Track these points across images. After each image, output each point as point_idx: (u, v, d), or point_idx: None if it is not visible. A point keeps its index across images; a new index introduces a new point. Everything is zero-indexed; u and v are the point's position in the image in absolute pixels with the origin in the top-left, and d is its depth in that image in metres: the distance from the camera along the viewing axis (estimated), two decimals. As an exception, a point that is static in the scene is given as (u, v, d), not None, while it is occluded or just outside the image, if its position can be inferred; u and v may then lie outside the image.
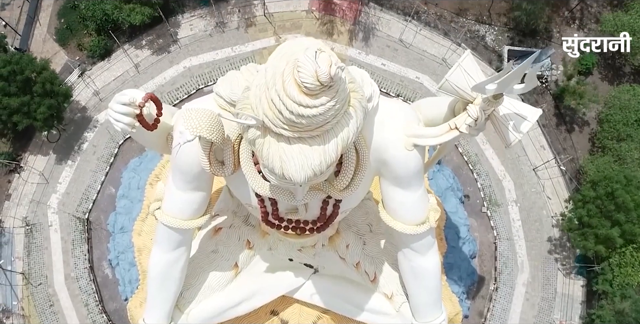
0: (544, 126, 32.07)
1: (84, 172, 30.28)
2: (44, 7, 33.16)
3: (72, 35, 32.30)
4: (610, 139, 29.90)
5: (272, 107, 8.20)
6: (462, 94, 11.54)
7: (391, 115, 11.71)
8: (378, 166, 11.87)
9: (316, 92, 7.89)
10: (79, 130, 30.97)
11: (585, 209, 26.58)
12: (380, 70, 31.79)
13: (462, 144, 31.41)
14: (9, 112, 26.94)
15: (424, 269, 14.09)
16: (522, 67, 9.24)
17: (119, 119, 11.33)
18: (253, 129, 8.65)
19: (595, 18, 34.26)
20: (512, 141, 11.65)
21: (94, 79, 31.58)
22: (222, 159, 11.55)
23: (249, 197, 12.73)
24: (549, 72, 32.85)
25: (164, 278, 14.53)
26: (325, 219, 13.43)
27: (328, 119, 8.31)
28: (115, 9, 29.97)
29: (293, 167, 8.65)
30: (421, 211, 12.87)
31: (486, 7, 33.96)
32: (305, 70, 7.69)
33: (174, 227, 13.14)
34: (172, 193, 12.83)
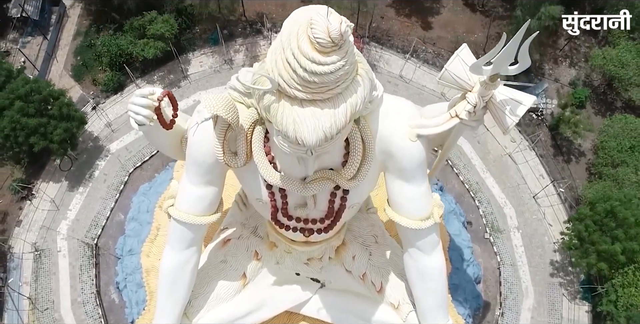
0: (542, 156, 33.12)
1: (94, 199, 30.94)
2: (61, 45, 34.98)
3: (87, 71, 33.87)
4: (606, 166, 30.85)
5: (286, 67, 8.89)
6: (461, 83, 12.10)
7: (395, 108, 12.39)
8: (384, 158, 12.41)
9: (328, 50, 8.59)
10: (91, 159, 31.90)
11: (583, 224, 27.13)
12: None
13: (463, 173, 32.31)
14: (26, 133, 27.90)
15: (430, 268, 14.35)
16: (514, 41, 9.73)
17: (138, 112, 11.88)
18: (268, 94, 9.34)
19: (584, 56, 36.05)
20: (510, 124, 12.04)
21: (107, 111, 32.87)
22: (235, 150, 12.12)
23: (260, 191, 13.14)
24: (544, 105, 34.29)
25: (175, 278, 14.75)
26: (333, 214, 13.76)
27: (339, 79, 8.98)
28: (130, 44, 31.60)
29: (306, 129, 9.21)
30: (425, 206, 13.26)
31: (481, 47, 35.78)
32: (318, 27, 8.40)
33: (187, 222, 13.47)
34: (186, 188, 13.32)
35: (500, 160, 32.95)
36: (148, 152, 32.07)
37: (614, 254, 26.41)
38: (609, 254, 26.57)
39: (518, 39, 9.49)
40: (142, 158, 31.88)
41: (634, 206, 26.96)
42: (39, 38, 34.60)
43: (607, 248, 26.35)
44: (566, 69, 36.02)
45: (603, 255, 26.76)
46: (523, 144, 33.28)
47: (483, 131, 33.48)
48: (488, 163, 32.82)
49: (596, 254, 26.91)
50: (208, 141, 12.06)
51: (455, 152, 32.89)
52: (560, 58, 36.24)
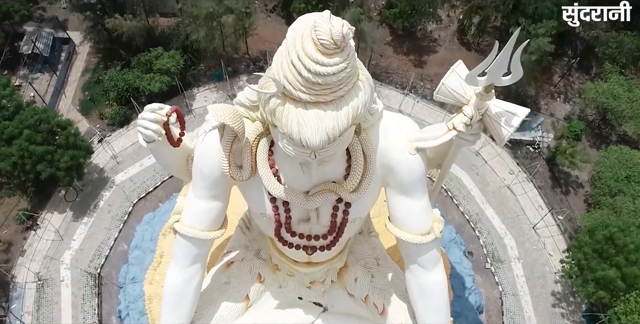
0: (540, 187, 33.64)
1: (98, 229, 31.23)
2: (70, 81, 36.02)
3: (95, 106, 34.79)
4: (603, 195, 31.33)
5: (291, 69, 9.28)
6: (458, 97, 12.38)
7: (395, 123, 12.86)
8: (384, 173, 12.65)
9: (331, 52, 8.99)
10: (96, 190, 32.37)
11: (582, 252, 27.40)
12: (382, 137, 33.82)
13: (463, 204, 32.75)
14: (33, 161, 28.46)
15: (432, 284, 14.38)
16: (506, 50, 10.05)
17: (147, 126, 12.15)
18: (274, 98, 9.69)
19: (578, 92, 37.13)
20: (505, 136, 12.20)
21: (113, 144, 33.58)
22: (240, 163, 12.47)
23: (264, 205, 13.31)
24: (541, 138, 35.07)
25: (179, 295, 14.74)
26: (336, 230, 13.97)
27: (341, 81, 9.35)
28: (137, 78, 32.60)
29: (309, 130, 9.53)
30: (426, 220, 13.42)
31: (478, 83, 36.73)
32: (322, 29, 8.83)
33: (192, 237, 13.63)
34: (192, 203, 13.57)
35: (499, 191, 33.45)
36: (152, 183, 32.61)
37: (612, 280, 26.58)
38: (608, 281, 26.73)
39: (510, 48, 9.82)
40: (147, 189, 32.36)
41: (633, 234, 27.30)
42: (48, 74, 35.69)
43: (604, 274, 26.54)
44: (561, 105, 37.00)
45: (602, 282, 26.92)
46: (521, 176, 33.86)
47: (482, 163, 34.13)
48: (487, 194, 33.30)
49: (595, 282, 27.07)
50: (214, 155, 12.36)
51: (455, 184, 33.41)
52: (555, 94, 37.28)
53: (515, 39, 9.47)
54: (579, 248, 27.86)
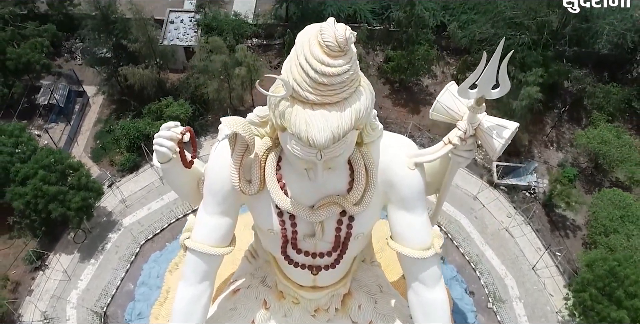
0: (538, 230, 34.50)
1: (105, 269, 31.77)
2: (83, 131, 37.62)
3: (106, 153, 36.20)
4: (599, 234, 32.17)
5: (299, 70, 10.17)
6: (452, 113, 13.07)
7: (394, 141, 13.86)
8: (385, 189, 13.26)
9: (335, 54, 9.94)
10: (104, 232, 33.15)
11: (587, 293, 27.84)
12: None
13: (463, 246, 33.48)
14: (46, 200, 29.45)
15: (433, 302, 14.60)
16: (493, 61, 10.54)
17: (162, 143, 12.97)
18: (283, 101, 10.55)
19: (570, 142, 38.74)
20: (497, 147, 12.73)
21: (122, 189, 34.69)
22: (249, 178, 13.08)
23: (271, 219, 13.74)
24: (536, 183, 36.27)
25: (187, 313, 14.85)
26: (340, 245, 14.31)
27: (345, 83, 10.22)
28: (147, 125, 34.20)
29: (316, 128, 10.27)
30: (426, 236, 13.86)
31: (473, 132, 38.39)
32: (327, 32, 9.87)
33: (202, 252, 13.99)
34: (202, 219, 14.01)
35: (497, 234, 34.26)
36: (159, 226, 33.42)
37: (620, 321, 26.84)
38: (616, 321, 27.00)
39: (496, 60, 10.41)
40: (154, 231, 33.14)
41: (632, 266, 27.96)
42: (62, 124, 37.32)
43: (614, 315, 26.84)
44: (554, 153, 38.49)
45: (609, 320, 27.18)
46: (519, 219, 34.77)
47: (480, 207, 35.15)
48: (486, 237, 34.09)
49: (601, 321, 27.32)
50: (225, 170, 12.93)
51: (454, 227, 34.28)
52: (547, 143, 38.87)
53: (500, 51, 10.07)
54: (582, 286, 28.31)
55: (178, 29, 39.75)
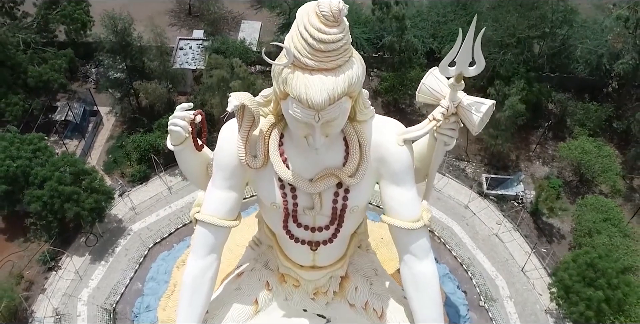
0: (527, 236, 36.36)
1: (115, 270, 33.42)
2: (96, 146, 40.07)
3: (117, 166, 38.42)
4: (583, 237, 34.04)
5: (300, 39, 11.72)
6: (436, 94, 14.36)
7: (384, 121, 14.95)
8: (377, 165, 14.57)
9: (330, 24, 11.49)
10: (114, 237, 35.00)
11: (567, 273, 29.57)
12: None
13: (455, 250, 35.24)
14: (61, 201, 31.48)
15: (424, 274, 15.57)
16: (468, 39, 11.63)
17: (176, 123, 14.35)
18: (286, 69, 12.07)
19: (553, 157, 41.11)
20: (476, 120, 13.98)
21: (132, 197, 36.75)
22: (254, 153, 14.38)
23: (274, 193, 14.91)
24: (523, 193, 38.34)
25: (195, 285, 15.78)
26: (337, 218, 15.45)
27: (339, 51, 11.74)
28: (158, 137, 36.58)
29: (313, 90, 11.74)
30: (415, 208, 15.06)
31: (463, 149, 40.92)
32: (323, 4, 11.48)
33: (211, 223, 15.00)
34: (211, 193, 15.20)
35: (488, 239, 36.05)
36: (167, 231, 35.28)
37: (598, 302, 28.47)
38: (595, 303, 28.61)
39: (470, 38, 11.59)
40: (162, 236, 34.97)
41: (611, 260, 29.74)
42: (76, 140, 39.72)
43: (591, 295, 28.53)
44: (540, 167, 40.76)
45: (588, 304, 28.78)
46: (508, 226, 36.63)
47: (471, 215, 37.10)
48: (477, 242, 35.88)
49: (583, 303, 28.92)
50: (233, 146, 14.20)
51: (447, 233, 36.11)
52: (533, 158, 41.22)
53: (474, 29, 11.30)
54: (563, 270, 30.06)
55: (187, 55, 42.75)
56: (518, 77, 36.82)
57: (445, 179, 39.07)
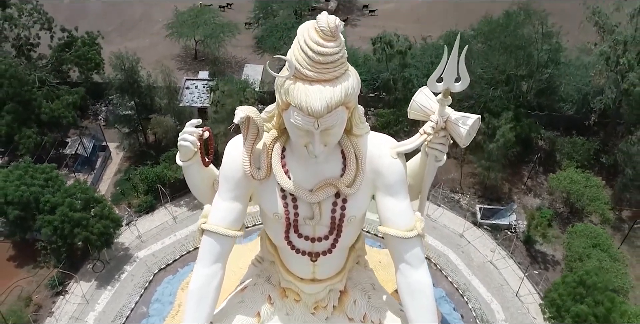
0: (520, 263, 37.53)
1: (120, 295, 34.39)
2: (104, 179, 41.71)
3: (124, 198, 39.92)
4: (574, 261, 35.22)
5: (300, 52, 12.59)
6: (426, 110, 14.95)
7: (379, 136, 15.76)
8: (373, 177, 15.02)
9: (328, 38, 12.44)
10: (121, 264, 36.12)
11: (557, 293, 30.63)
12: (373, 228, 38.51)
13: (451, 276, 36.31)
14: (71, 226, 32.83)
15: (419, 282, 15.71)
16: (453, 56, 12.24)
17: (186, 138, 14.73)
18: (288, 81, 12.86)
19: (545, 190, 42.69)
20: (463, 132, 14.39)
21: (138, 226, 38.06)
22: (258, 166, 14.90)
23: (276, 202, 15.35)
24: (516, 223, 39.71)
25: (201, 293, 15.89)
26: (335, 228, 15.76)
27: (336, 63, 12.60)
28: (165, 169, 38.25)
29: (313, 99, 12.58)
30: (409, 218, 15.32)
31: (457, 182, 42.56)
32: (321, 19, 12.52)
33: (217, 232, 15.34)
34: (217, 204, 15.51)
35: (483, 266, 37.19)
36: (172, 257, 36.44)
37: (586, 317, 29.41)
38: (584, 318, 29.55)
39: (455, 55, 12.31)
40: (167, 262, 36.13)
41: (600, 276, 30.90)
42: (85, 173, 41.38)
43: (579, 311, 29.49)
44: (532, 199, 42.30)
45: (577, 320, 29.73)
46: (502, 254, 37.84)
47: (466, 243, 38.35)
48: (472, 268, 37.00)
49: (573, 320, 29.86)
50: (238, 158, 14.71)
51: (443, 260, 37.24)
52: (525, 191, 42.80)
53: (458, 46, 11.98)
54: (555, 291, 31.12)
55: (193, 94, 45.02)
56: (507, 111, 38.86)
57: (441, 209, 40.54)
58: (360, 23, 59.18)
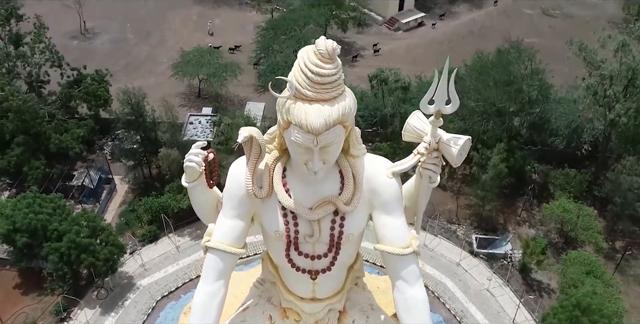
0: (516, 290, 38.28)
1: (124, 321, 35.07)
2: (109, 210, 42.81)
3: (129, 228, 40.97)
4: (569, 288, 36.03)
5: (300, 73, 12.44)
6: (419, 132, 16.21)
7: (375, 157, 17.63)
8: (370, 196, 16.62)
9: (326, 60, 12.29)
10: (124, 291, 36.91)
11: (557, 318, 31.35)
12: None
13: (449, 303, 37.08)
14: (78, 252, 33.77)
15: (416, 298, 17.58)
16: (443, 79, 11.74)
17: (192, 159, 14.44)
18: (289, 101, 12.71)
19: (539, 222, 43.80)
20: (454, 152, 13.72)
21: (142, 255, 38.96)
22: (260, 185, 14.69)
23: (277, 220, 14.48)
24: (512, 252, 40.64)
25: (204, 309, 18.20)
26: (334, 245, 19.21)
27: (334, 84, 12.29)
28: (169, 199, 39.42)
29: (312, 116, 12.35)
30: (405, 236, 16.97)
31: (454, 213, 43.68)
32: (320, 43, 12.65)
33: (220, 249, 17.30)
34: (220, 222, 16.88)
35: (480, 294, 37.96)
36: (174, 285, 37.28)
37: None
38: None
39: (445, 78, 12.00)
40: (169, 289, 36.96)
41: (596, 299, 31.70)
42: (91, 204, 42.49)
43: None
44: (527, 229, 43.37)
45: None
46: (498, 282, 38.65)
47: (463, 272, 39.22)
48: (470, 296, 37.76)
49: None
50: (241, 178, 17.33)
51: (441, 287, 38.06)
52: (520, 222, 43.90)
53: (447, 69, 11.53)
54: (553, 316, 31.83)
55: (196, 128, 46.65)
56: (499, 143, 40.36)
57: (438, 239, 41.54)
58: (359, 64, 61.24)
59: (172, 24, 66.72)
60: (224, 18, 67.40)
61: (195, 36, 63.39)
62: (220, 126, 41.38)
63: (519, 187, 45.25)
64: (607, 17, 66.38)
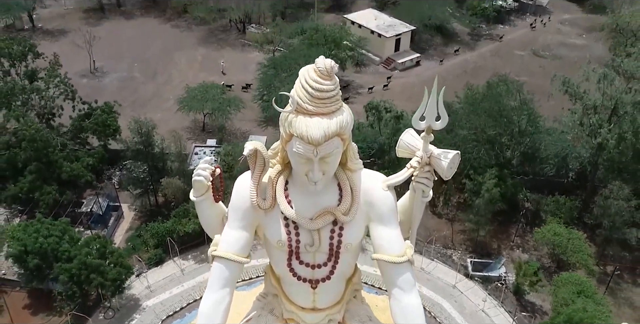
0: (511, 312, 39.43)
1: (130, 340, 36.21)
2: (116, 236, 44.34)
3: (135, 252, 42.38)
4: (561, 306, 37.24)
5: (301, 89, 12.42)
6: (412, 148, 15.62)
7: (371, 172, 18.19)
8: (367, 208, 17.33)
9: (325, 77, 12.47)
10: (130, 312, 38.11)
11: (548, 335, 32.64)
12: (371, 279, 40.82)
13: (445, 323, 38.14)
14: (88, 272, 35.20)
15: (411, 305, 17.96)
16: (433, 96, 11.76)
17: (200, 173, 14.11)
18: (291, 115, 12.78)
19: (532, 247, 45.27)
20: (444, 165, 16.21)
21: (148, 277, 40.27)
22: (264, 197, 18.88)
23: (280, 231, 17.21)
24: (506, 275, 41.96)
25: (210, 316, 19.58)
26: (333, 254, 20.51)
27: (332, 99, 12.26)
28: (174, 223, 41.04)
29: (312, 128, 12.39)
30: (400, 245, 17.49)
31: (449, 239, 45.18)
32: (320, 61, 13.57)
33: (226, 258, 18.08)
34: (226, 233, 17.50)
35: (475, 314, 39.13)
36: (179, 306, 38.45)
37: None
38: None
39: (434, 95, 12.22)
40: (174, 309, 38.17)
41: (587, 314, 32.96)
42: (99, 230, 44.05)
43: None
44: (520, 253, 44.82)
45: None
46: (493, 303, 39.87)
47: (459, 294, 40.49)
48: (465, 316, 38.94)
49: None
50: (246, 191, 18.41)
51: (437, 308, 39.26)
52: (513, 247, 45.37)
53: (436, 86, 11.73)
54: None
55: (202, 158, 48.38)
56: (490, 169, 42.29)
57: (434, 263, 42.92)
58: (356, 100, 63.75)
59: (178, 64, 69.71)
60: (228, 58, 70.40)
61: (200, 76, 65.86)
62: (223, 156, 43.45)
63: (512, 215, 46.90)
64: (594, 58, 69.37)
